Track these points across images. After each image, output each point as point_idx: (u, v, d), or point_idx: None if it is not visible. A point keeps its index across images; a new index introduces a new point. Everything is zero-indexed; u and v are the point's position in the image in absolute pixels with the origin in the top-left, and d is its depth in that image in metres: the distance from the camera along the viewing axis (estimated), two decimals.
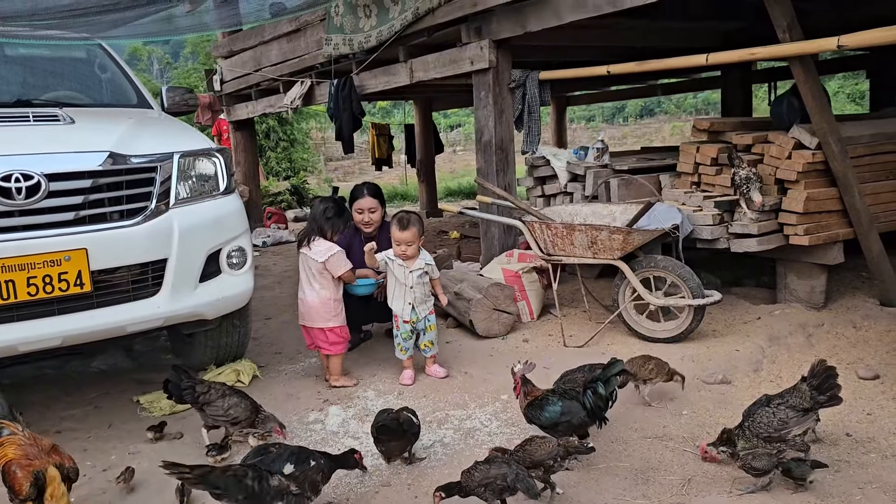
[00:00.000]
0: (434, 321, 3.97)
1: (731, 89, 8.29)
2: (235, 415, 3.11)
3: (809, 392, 2.61)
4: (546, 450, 2.58)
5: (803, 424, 2.62)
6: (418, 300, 3.88)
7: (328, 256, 3.79)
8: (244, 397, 3.19)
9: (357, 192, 4.48)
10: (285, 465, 2.43)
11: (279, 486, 2.39)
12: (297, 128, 16.76)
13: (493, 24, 5.21)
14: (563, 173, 5.63)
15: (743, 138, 4.77)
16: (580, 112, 30.03)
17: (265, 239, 9.13)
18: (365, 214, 4.38)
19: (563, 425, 2.83)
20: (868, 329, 4.20)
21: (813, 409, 2.63)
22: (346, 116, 6.86)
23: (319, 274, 3.82)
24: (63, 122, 3.52)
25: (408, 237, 3.80)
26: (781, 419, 2.60)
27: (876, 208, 4.64)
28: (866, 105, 10.59)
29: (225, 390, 3.17)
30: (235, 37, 8.57)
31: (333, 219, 3.85)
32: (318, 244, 3.82)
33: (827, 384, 2.62)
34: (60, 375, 4.31)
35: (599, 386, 2.85)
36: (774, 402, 2.66)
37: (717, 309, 4.57)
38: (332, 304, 3.84)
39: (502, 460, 2.51)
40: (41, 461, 2.33)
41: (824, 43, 3.91)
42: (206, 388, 3.16)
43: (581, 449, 2.62)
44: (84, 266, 3.12)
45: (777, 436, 2.60)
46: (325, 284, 3.84)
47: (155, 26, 5.37)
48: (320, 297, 3.82)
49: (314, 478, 2.49)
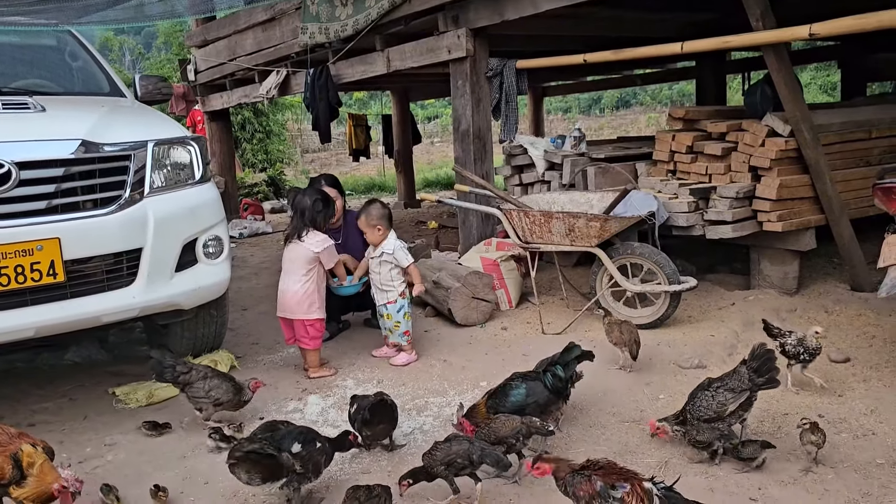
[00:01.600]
0: (394, 313, 3.99)
1: (706, 79, 8.38)
2: (217, 396, 3.13)
3: (748, 374, 2.70)
4: (510, 427, 2.63)
5: (738, 401, 2.68)
6: (376, 285, 4.03)
7: (324, 248, 3.82)
8: (226, 379, 3.20)
9: (316, 184, 4.57)
10: (294, 444, 2.49)
11: (286, 463, 2.44)
12: (274, 119, 16.60)
13: (471, 13, 5.20)
14: (541, 162, 5.65)
15: (717, 126, 4.82)
16: (557, 103, 30.08)
17: (242, 230, 9.07)
18: None
19: (531, 407, 2.87)
20: (839, 313, 4.28)
21: (751, 391, 2.70)
22: (323, 106, 6.82)
23: (308, 265, 3.82)
24: (33, 110, 3.46)
25: (361, 224, 4.01)
26: (720, 402, 2.67)
27: (847, 195, 4.72)
28: (838, 96, 10.77)
29: (207, 372, 3.19)
30: (209, 26, 8.46)
31: (324, 209, 3.93)
32: (312, 236, 3.84)
33: (765, 367, 2.70)
34: (32, 368, 4.25)
35: (558, 368, 2.95)
36: (714, 386, 2.73)
37: (692, 295, 4.62)
38: (316, 297, 3.85)
39: (463, 437, 2.54)
40: (14, 445, 2.31)
41: (797, 31, 3.96)
42: (186, 368, 3.18)
43: (542, 430, 2.67)
44: (57, 256, 3.07)
45: (716, 416, 2.67)
46: (311, 276, 3.83)
47: (125, 13, 5.28)
48: (305, 288, 3.81)
49: (318, 459, 2.55)
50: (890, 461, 2.68)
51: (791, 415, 3.11)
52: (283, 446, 2.47)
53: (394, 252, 3.95)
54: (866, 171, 4.81)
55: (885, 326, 4.02)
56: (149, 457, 3.03)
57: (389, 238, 3.98)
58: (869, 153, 5.01)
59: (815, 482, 2.57)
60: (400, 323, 4.00)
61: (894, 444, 2.81)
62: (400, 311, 3.99)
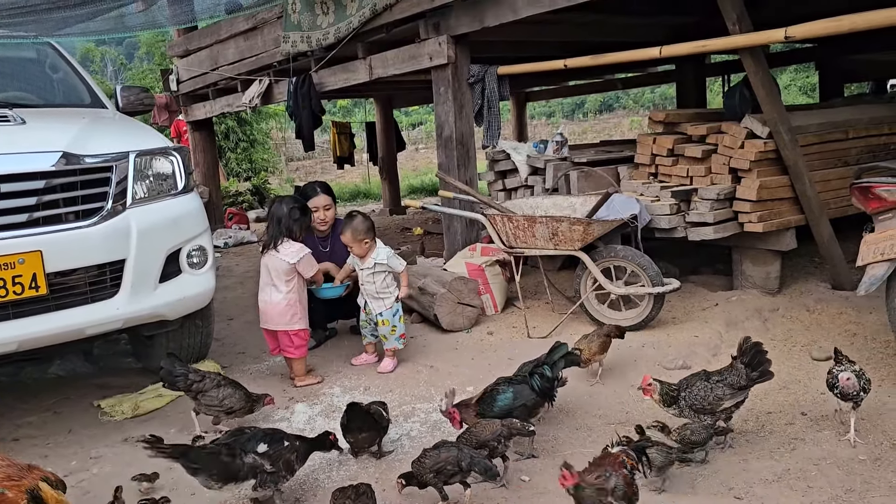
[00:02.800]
0: (390, 317, 3.99)
1: (686, 83, 8.46)
2: (230, 405, 3.16)
3: (745, 370, 2.73)
4: (490, 430, 2.64)
5: (735, 399, 2.72)
6: (371, 296, 3.99)
7: (299, 258, 3.78)
8: (238, 387, 3.22)
9: (310, 190, 4.48)
10: (259, 445, 2.54)
11: (253, 464, 2.49)
12: (257, 128, 16.58)
13: (452, 20, 5.23)
14: (524, 167, 5.68)
15: (697, 129, 4.87)
16: (540, 108, 30.24)
17: (227, 240, 9.03)
18: (320, 212, 4.39)
19: (518, 410, 2.88)
20: (821, 312, 4.33)
21: (747, 387, 2.74)
22: (306, 114, 6.82)
23: (286, 276, 3.79)
24: (13, 122, 3.44)
25: (346, 239, 3.95)
26: (717, 395, 2.70)
27: (826, 195, 4.78)
28: (817, 97, 10.91)
29: (220, 380, 3.20)
30: (191, 36, 8.44)
31: (301, 219, 3.88)
32: (287, 246, 3.80)
33: (757, 360, 2.74)
34: (15, 382, 4.21)
35: (545, 369, 2.96)
36: (713, 379, 2.75)
37: (676, 297, 4.66)
38: (298, 308, 3.83)
39: (451, 444, 2.55)
40: (28, 479, 2.27)
41: (773, 34, 4.02)
42: (199, 376, 3.19)
43: (523, 431, 2.68)
44: (39, 268, 3.06)
45: (709, 408, 2.70)
46: (292, 286, 3.81)
47: (106, 24, 5.27)
48: (287, 299, 3.79)
49: (288, 457, 2.59)
50: (872, 457, 2.72)
51: (775, 413, 3.14)
52: (247, 448, 2.52)
53: (388, 260, 3.96)
54: (844, 171, 4.87)
55: (866, 324, 4.07)
56: (135, 468, 3.00)
57: (378, 247, 3.98)
58: (847, 153, 5.08)
59: (798, 479, 2.60)
60: (396, 326, 4.00)
61: (876, 440, 2.85)
62: (395, 314, 4.00)
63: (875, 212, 3.35)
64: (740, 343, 2.82)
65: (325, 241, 4.48)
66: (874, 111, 5.49)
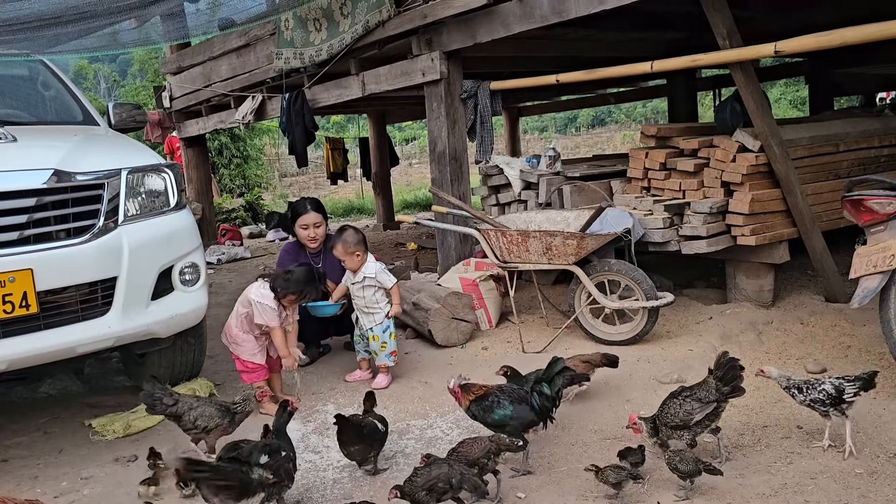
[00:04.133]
0: (380, 333, 3.97)
1: (678, 97, 8.50)
2: (205, 424, 3.07)
3: (715, 384, 2.75)
4: (480, 448, 2.63)
5: (704, 411, 2.73)
6: (359, 310, 4.00)
7: (258, 300, 3.59)
8: (210, 403, 3.14)
9: (300, 208, 4.45)
10: (261, 457, 2.53)
11: (260, 479, 2.50)
12: (251, 144, 16.61)
13: (444, 36, 5.25)
14: (517, 181, 5.69)
15: (689, 143, 4.89)
16: (533, 123, 30.38)
17: (220, 256, 8.99)
18: (310, 230, 4.38)
19: (511, 426, 2.85)
20: (815, 325, 4.33)
21: (719, 401, 2.74)
22: (299, 130, 6.82)
23: (242, 305, 3.70)
24: (5, 140, 3.42)
25: (338, 253, 3.95)
26: (687, 410, 2.72)
27: (818, 208, 4.80)
28: (807, 110, 11.00)
29: (192, 402, 3.11)
30: (184, 52, 8.46)
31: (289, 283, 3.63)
32: (260, 286, 3.65)
33: (730, 375, 2.75)
34: (6, 402, 4.17)
35: (544, 387, 2.91)
36: (683, 395, 2.78)
37: (670, 310, 4.66)
38: (235, 333, 3.70)
39: (442, 461, 2.53)
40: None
41: (762, 49, 4.06)
42: (173, 400, 3.11)
43: (511, 447, 2.66)
44: (30, 287, 3.03)
45: (682, 424, 2.72)
46: (239, 312, 3.70)
47: (99, 41, 5.27)
48: (232, 323, 3.72)
49: (287, 466, 2.60)
50: (868, 470, 2.71)
51: (771, 427, 3.13)
52: (252, 461, 2.52)
53: (376, 275, 3.95)
54: (836, 184, 4.90)
55: (860, 336, 4.08)
56: (126, 489, 2.97)
57: (369, 261, 3.97)
58: (838, 166, 5.11)
59: (795, 493, 2.59)
60: (387, 343, 3.98)
61: (872, 453, 2.84)
62: (386, 331, 3.98)
63: (867, 224, 3.36)
64: (718, 357, 2.84)
65: (318, 257, 4.47)
66: (864, 124, 5.53)
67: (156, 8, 5.44)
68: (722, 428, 2.87)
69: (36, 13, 4.22)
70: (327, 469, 3.05)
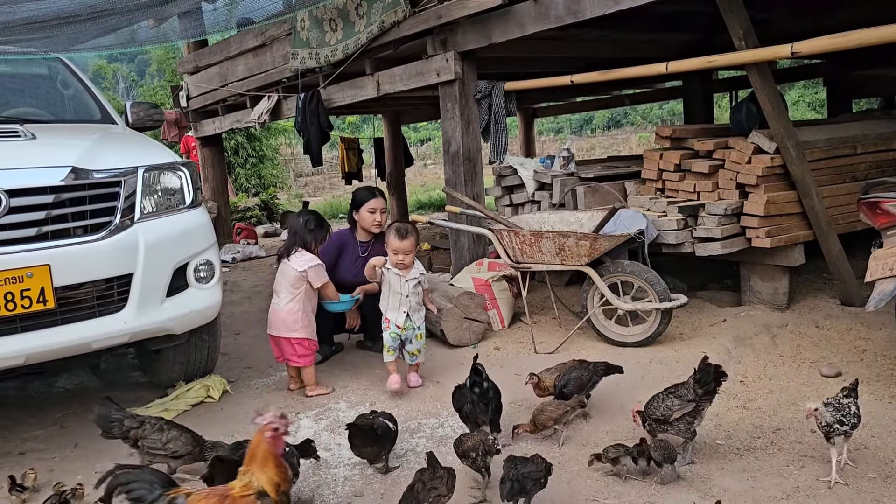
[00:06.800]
0: (424, 331, 3.98)
1: (693, 98, 8.46)
2: (175, 448, 2.88)
3: (693, 386, 2.85)
4: (472, 442, 2.72)
5: (683, 409, 2.84)
6: (413, 308, 3.90)
7: (308, 267, 3.86)
8: (185, 431, 2.97)
9: (366, 194, 4.52)
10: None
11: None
12: (267, 144, 16.69)
13: (459, 36, 5.26)
14: (531, 182, 5.68)
15: (704, 144, 4.87)
16: (548, 124, 30.30)
17: (235, 255, 9.06)
18: (377, 214, 4.45)
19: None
20: (830, 328, 4.30)
21: (696, 402, 2.82)
22: (314, 130, 6.86)
23: (292, 285, 3.87)
24: (24, 138, 3.47)
25: (406, 246, 3.82)
26: (667, 406, 2.86)
27: (834, 210, 4.76)
28: (825, 113, 10.90)
29: (161, 424, 2.94)
30: (201, 52, 8.53)
31: (315, 230, 3.97)
32: (299, 255, 3.89)
33: (705, 379, 2.83)
34: (23, 396, 4.22)
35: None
36: (666, 392, 2.92)
37: (683, 312, 4.64)
38: (300, 316, 3.87)
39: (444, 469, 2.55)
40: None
41: (779, 50, 4.02)
42: (137, 422, 2.92)
43: (492, 450, 2.69)
44: (47, 282, 3.07)
45: (663, 418, 2.85)
46: (297, 296, 3.87)
47: (117, 39, 5.32)
48: (289, 307, 3.86)
49: (293, 461, 2.63)
50: (882, 475, 2.69)
51: (783, 430, 3.11)
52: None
53: (426, 274, 4.00)
54: (853, 187, 4.85)
55: (876, 340, 4.04)
56: None
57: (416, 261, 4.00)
58: (855, 168, 5.07)
59: (808, 497, 2.57)
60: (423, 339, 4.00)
61: (886, 458, 2.81)
62: (422, 327, 3.99)
63: (883, 227, 3.34)
64: (700, 361, 2.89)
65: (366, 245, 4.51)
66: (883, 126, 5.48)
67: (173, 7, 5.49)
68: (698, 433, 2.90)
69: (55, 12, 4.27)
70: (338, 466, 3.07)
